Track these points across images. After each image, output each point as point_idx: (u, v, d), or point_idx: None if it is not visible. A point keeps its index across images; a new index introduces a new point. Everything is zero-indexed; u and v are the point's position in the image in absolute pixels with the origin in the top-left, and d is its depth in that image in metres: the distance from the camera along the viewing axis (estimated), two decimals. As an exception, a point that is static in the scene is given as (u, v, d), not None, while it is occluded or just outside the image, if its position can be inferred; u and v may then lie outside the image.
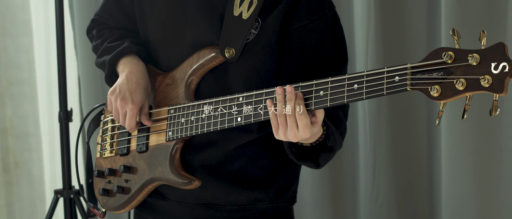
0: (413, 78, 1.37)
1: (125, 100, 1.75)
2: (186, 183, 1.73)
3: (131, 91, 1.75)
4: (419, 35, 2.53)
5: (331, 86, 1.49)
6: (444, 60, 1.34)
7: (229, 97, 1.65)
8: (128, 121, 1.76)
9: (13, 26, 3.30)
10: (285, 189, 1.82)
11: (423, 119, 2.58)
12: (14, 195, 3.35)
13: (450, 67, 1.33)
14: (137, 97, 1.76)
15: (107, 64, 1.82)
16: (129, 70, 1.78)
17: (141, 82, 1.77)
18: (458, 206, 2.46)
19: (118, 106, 1.76)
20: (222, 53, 1.69)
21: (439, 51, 1.35)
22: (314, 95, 1.51)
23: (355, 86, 1.45)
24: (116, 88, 1.77)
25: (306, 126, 1.51)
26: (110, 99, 1.78)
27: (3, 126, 3.29)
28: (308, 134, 1.52)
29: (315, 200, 2.78)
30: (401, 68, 1.38)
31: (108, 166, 1.90)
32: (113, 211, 1.90)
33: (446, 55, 1.33)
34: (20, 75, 3.33)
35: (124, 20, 1.92)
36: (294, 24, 1.69)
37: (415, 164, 2.62)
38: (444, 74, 1.34)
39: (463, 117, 1.35)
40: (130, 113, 1.75)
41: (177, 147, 1.76)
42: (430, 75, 1.35)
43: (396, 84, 1.39)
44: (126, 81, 1.76)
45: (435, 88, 1.34)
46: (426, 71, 1.36)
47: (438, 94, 1.34)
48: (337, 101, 1.48)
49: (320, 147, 1.67)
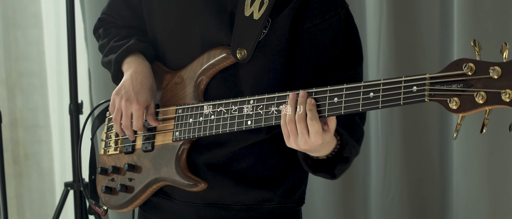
0: (431, 89, 1.33)
1: (130, 101, 1.72)
2: (192, 185, 1.71)
3: (136, 92, 1.73)
4: (431, 37, 2.52)
5: (346, 93, 1.46)
6: (465, 72, 1.30)
7: (239, 100, 1.62)
8: (135, 122, 1.73)
9: (23, 18, 3.30)
10: (293, 189, 1.80)
11: (435, 113, 2.57)
12: (23, 187, 3.36)
13: (470, 80, 1.30)
14: (142, 98, 1.73)
15: (113, 63, 1.80)
16: (134, 69, 1.75)
17: (145, 82, 1.75)
18: (469, 200, 2.45)
19: (123, 107, 1.73)
20: (233, 54, 1.66)
21: (459, 62, 1.31)
22: (328, 102, 1.48)
23: (371, 94, 1.42)
24: (121, 88, 1.74)
25: (317, 133, 1.48)
26: (114, 100, 1.75)
27: (13, 118, 3.30)
28: (320, 140, 1.49)
29: (326, 193, 2.77)
30: (420, 78, 1.35)
31: (112, 164, 1.88)
32: (115, 210, 1.88)
33: (467, 67, 1.29)
34: (30, 67, 3.33)
35: (132, 18, 1.90)
36: (306, 23, 1.67)
37: (426, 159, 2.60)
38: (464, 86, 1.31)
39: (482, 132, 1.32)
40: (136, 113, 1.72)
41: (184, 148, 1.73)
42: (449, 87, 1.32)
43: (414, 94, 1.35)
44: (131, 81, 1.74)
45: (454, 100, 1.31)
46: (445, 82, 1.32)
47: (457, 107, 1.31)
48: (352, 109, 1.44)
49: (336, 157, 1.63)
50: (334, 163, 1.64)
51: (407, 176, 2.63)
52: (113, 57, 1.80)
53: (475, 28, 2.31)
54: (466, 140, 2.42)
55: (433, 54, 2.51)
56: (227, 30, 1.69)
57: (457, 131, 1.35)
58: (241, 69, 1.69)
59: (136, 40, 1.82)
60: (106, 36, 1.90)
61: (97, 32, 1.96)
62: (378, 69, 2.59)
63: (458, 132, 1.36)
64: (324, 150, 1.58)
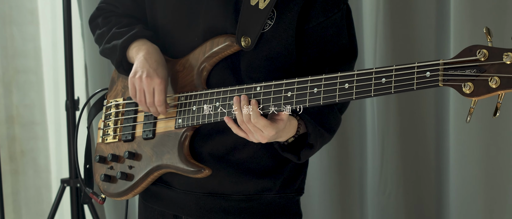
0: (445, 74, 1.38)
1: (151, 77, 1.72)
2: (196, 171, 1.72)
3: (154, 68, 1.73)
4: (427, 35, 2.53)
5: (357, 79, 1.50)
6: (478, 58, 1.35)
7: (245, 86, 1.64)
8: (157, 97, 1.73)
9: (20, 14, 3.29)
10: (293, 179, 1.82)
11: (431, 110, 2.57)
12: (20, 183, 3.36)
13: (483, 65, 1.35)
14: (162, 73, 1.74)
15: (119, 48, 1.79)
16: (146, 51, 1.76)
17: (160, 60, 1.75)
18: (465, 197, 2.46)
19: (144, 84, 1.72)
20: (238, 42, 1.68)
21: (472, 48, 1.36)
22: (339, 87, 1.52)
23: (383, 80, 1.46)
24: (137, 69, 1.74)
25: (265, 127, 1.58)
26: (133, 82, 1.74)
27: (10, 115, 3.29)
28: (272, 131, 1.59)
29: (322, 190, 2.78)
30: (433, 64, 1.40)
31: (111, 152, 1.88)
32: (114, 198, 1.88)
33: (480, 52, 1.35)
34: (27, 64, 3.32)
35: (133, 7, 1.90)
36: (311, 22, 1.71)
37: (423, 156, 2.61)
38: (477, 71, 1.35)
39: (495, 115, 1.36)
40: (159, 87, 1.72)
41: (187, 135, 1.75)
42: (463, 72, 1.37)
43: (427, 79, 1.40)
44: (145, 61, 1.74)
45: (468, 84, 1.36)
46: (458, 67, 1.37)
47: (470, 91, 1.36)
48: (363, 95, 1.48)
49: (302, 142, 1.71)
50: (300, 146, 1.72)
51: (404, 173, 2.63)
52: (118, 42, 1.80)
53: (471, 25, 2.32)
54: (463, 137, 2.43)
55: (430, 52, 2.52)
56: (232, 18, 1.71)
57: (470, 115, 1.39)
58: (244, 58, 1.72)
59: (141, 27, 1.82)
60: (106, 25, 1.89)
61: (95, 21, 1.94)
62: (375, 64, 2.59)
63: (471, 115, 1.39)
64: (285, 136, 1.66)
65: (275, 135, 1.61)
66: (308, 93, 1.56)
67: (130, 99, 1.88)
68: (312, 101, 1.55)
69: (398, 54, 2.55)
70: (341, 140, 2.72)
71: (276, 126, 1.60)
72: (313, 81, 1.56)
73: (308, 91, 1.56)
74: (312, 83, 1.56)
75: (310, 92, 1.56)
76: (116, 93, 1.93)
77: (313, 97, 1.55)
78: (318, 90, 1.55)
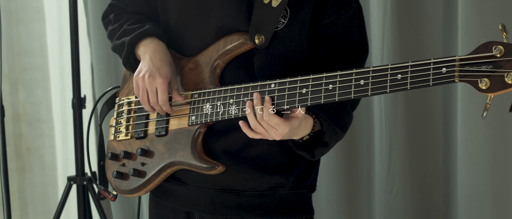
0: (461, 70, 1.39)
1: (153, 76, 1.73)
2: (209, 168, 1.73)
3: (157, 67, 1.74)
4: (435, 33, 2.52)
5: (372, 75, 1.50)
6: (494, 54, 1.36)
7: (260, 83, 1.65)
8: (160, 96, 1.74)
9: (26, 13, 3.30)
10: (305, 175, 1.83)
11: (439, 109, 2.57)
12: (26, 181, 3.36)
13: (499, 61, 1.36)
14: (164, 72, 1.74)
15: (127, 45, 1.80)
16: (152, 50, 1.77)
17: (165, 58, 1.76)
18: (473, 196, 2.45)
19: (146, 83, 1.74)
20: (252, 40, 1.69)
21: (488, 45, 1.38)
22: (354, 84, 1.53)
23: (398, 76, 1.46)
24: (141, 68, 1.76)
25: (278, 124, 1.59)
26: (136, 81, 1.76)
27: (16, 112, 3.30)
28: (287, 128, 1.60)
29: (330, 189, 2.78)
30: (449, 60, 1.41)
31: (123, 149, 1.88)
32: (126, 195, 1.89)
33: (496, 49, 1.36)
34: (33, 62, 3.33)
35: (144, 5, 1.91)
36: (323, 20, 1.73)
37: (430, 154, 2.61)
38: (493, 67, 1.37)
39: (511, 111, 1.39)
40: (161, 87, 1.74)
41: (200, 131, 1.75)
42: (479, 68, 1.38)
43: (443, 75, 1.41)
44: (150, 60, 1.75)
45: (484, 80, 1.37)
46: (474, 63, 1.38)
47: (486, 87, 1.37)
48: (379, 91, 1.49)
49: (316, 140, 1.72)
50: (315, 144, 1.73)
51: (411, 172, 2.63)
52: (127, 39, 1.81)
53: (479, 23, 2.32)
54: (470, 136, 2.43)
55: (437, 50, 2.52)
56: (245, 16, 1.71)
57: (487, 110, 1.41)
58: (257, 55, 1.72)
59: (151, 25, 1.83)
60: (117, 21, 1.90)
61: (107, 18, 1.96)
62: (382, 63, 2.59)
63: (487, 111, 1.41)
64: (300, 134, 1.67)
65: (289, 132, 1.61)
66: (323, 89, 1.56)
67: None
68: (327, 97, 1.55)
69: (406, 52, 2.55)
70: (349, 139, 2.71)
71: (290, 123, 1.60)
72: (328, 77, 1.56)
73: (323, 88, 1.56)
74: (327, 80, 1.56)
75: (325, 89, 1.56)
76: (128, 91, 1.94)
77: (328, 94, 1.55)
78: (333, 87, 1.55)
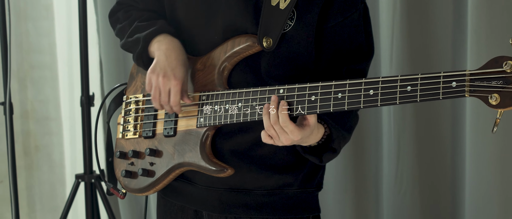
0: (472, 85, 1.39)
1: (168, 77, 1.73)
2: (219, 170, 1.73)
3: (172, 67, 1.73)
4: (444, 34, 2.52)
5: (381, 86, 1.50)
6: (504, 69, 1.36)
7: (268, 88, 1.64)
8: (173, 98, 1.73)
9: (35, 10, 3.31)
10: (313, 174, 1.83)
11: (447, 108, 2.56)
12: (34, 178, 3.37)
13: (509, 77, 1.36)
14: (179, 73, 1.73)
15: (142, 41, 1.79)
16: (167, 46, 1.75)
17: (180, 57, 1.75)
18: (481, 197, 2.45)
19: (160, 83, 1.73)
20: (260, 43, 1.69)
21: (499, 60, 1.37)
22: (363, 94, 1.52)
23: (408, 88, 1.46)
24: (156, 66, 1.74)
25: (293, 131, 1.58)
26: (150, 78, 1.75)
27: (24, 110, 3.31)
28: (299, 136, 1.59)
29: (338, 189, 2.78)
30: (459, 74, 1.40)
31: (131, 148, 1.88)
32: (135, 193, 1.89)
33: (507, 64, 1.36)
34: (41, 59, 3.34)
35: (153, 2, 1.90)
36: (330, 22, 1.72)
37: (439, 155, 2.60)
38: (503, 83, 1.37)
39: None
40: (175, 89, 1.73)
41: (209, 134, 1.75)
42: (489, 83, 1.38)
43: (453, 89, 1.40)
44: (165, 58, 1.74)
45: (495, 96, 1.37)
46: (485, 78, 1.38)
47: (496, 103, 1.37)
48: (388, 102, 1.49)
49: (325, 145, 1.71)
50: (323, 149, 1.73)
51: (419, 173, 2.63)
52: (141, 35, 1.80)
53: (489, 23, 2.32)
54: (479, 137, 2.42)
55: (446, 50, 2.51)
56: (252, 17, 1.71)
57: (497, 125, 1.41)
58: (264, 58, 1.72)
59: (164, 22, 1.82)
60: (127, 19, 1.89)
61: (115, 16, 1.95)
62: (391, 65, 2.59)
63: (497, 126, 1.41)
64: (310, 141, 1.67)
65: (300, 140, 1.61)
66: (332, 98, 1.56)
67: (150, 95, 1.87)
68: (336, 106, 1.55)
69: (415, 52, 2.55)
70: (357, 139, 2.71)
71: (303, 131, 1.60)
72: (337, 86, 1.56)
73: (332, 96, 1.56)
74: (336, 88, 1.56)
75: (334, 97, 1.55)
76: (136, 89, 1.93)
77: (338, 102, 1.55)
78: (342, 96, 1.54)
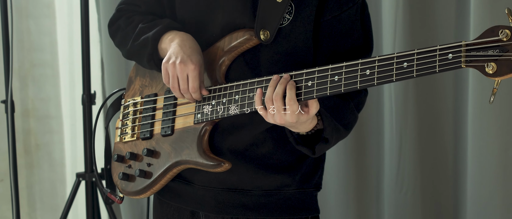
0: (468, 55, 1.38)
1: (185, 62, 1.69)
2: (215, 165, 1.72)
3: (188, 54, 1.70)
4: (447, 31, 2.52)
5: (378, 65, 1.50)
6: (500, 38, 1.35)
7: (265, 78, 1.65)
8: (192, 83, 1.71)
9: (36, 8, 3.31)
10: (311, 174, 1.83)
11: (449, 108, 2.58)
12: (34, 177, 3.38)
13: (506, 45, 1.35)
14: (196, 58, 1.71)
15: (151, 40, 1.76)
16: (180, 38, 1.74)
17: (195, 47, 1.73)
18: (482, 195, 2.46)
19: (177, 70, 1.70)
20: (257, 36, 1.69)
21: (495, 29, 1.36)
22: (360, 74, 1.52)
23: (404, 64, 1.45)
24: (171, 55, 1.72)
25: (293, 112, 1.57)
26: (166, 68, 1.72)
27: (25, 108, 3.31)
28: (294, 120, 1.58)
29: (339, 188, 2.79)
30: (455, 46, 1.39)
31: (129, 150, 1.88)
32: (132, 196, 1.88)
33: (503, 33, 1.35)
34: (43, 57, 3.34)
35: (155, 4, 1.88)
36: (326, 15, 1.72)
37: (440, 153, 2.61)
38: (500, 51, 1.36)
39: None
40: (193, 74, 1.70)
41: (206, 129, 1.75)
42: (485, 52, 1.37)
43: (450, 61, 1.40)
44: (179, 48, 1.72)
45: (491, 65, 1.36)
46: (481, 48, 1.37)
47: (493, 71, 1.36)
48: (385, 80, 1.48)
49: (317, 136, 1.71)
50: (315, 140, 1.72)
51: (421, 171, 2.64)
52: (149, 35, 1.78)
53: (492, 21, 2.32)
54: (481, 135, 2.43)
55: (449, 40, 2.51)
56: (250, 13, 1.71)
57: (494, 95, 1.40)
58: (262, 52, 1.72)
59: (169, 20, 1.81)
60: (129, 24, 1.87)
61: (116, 24, 1.91)
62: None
63: (494, 95, 1.40)
64: (302, 128, 1.66)
65: (295, 123, 1.61)
66: (329, 81, 1.56)
67: (148, 97, 1.88)
68: (333, 88, 1.55)
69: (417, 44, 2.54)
70: (358, 137, 2.73)
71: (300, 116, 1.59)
72: (334, 69, 1.56)
73: (329, 79, 1.56)
74: (333, 71, 1.56)
75: (331, 80, 1.55)
76: (134, 92, 1.93)
77: (334, 85, 1.55)
78: (339, 78, 1.54)
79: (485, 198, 2.45)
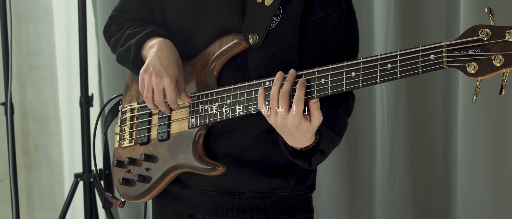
0: (449, 55, 1.36)
1: (160, 75, 1.71)
2: (211, 169, 1.72)
3: (164, 66, 1.71)
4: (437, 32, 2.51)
5: (363, 67, 1.48)
6: (481, 37, 1.33)
7: (255, 82, 1.64)
8: (169, 96, 1.72)
9: (35, 12, 3.31)
10: (305, 176, 1.83)
11: (440, 108, 2.57)
12: (33, 178, 3.38)
13: (486, 44, 1.33)
14: (172, 71, 1.71)
15: (133, 47, 1.78)
16: (158, 47, 1.74)
17: (172, 56, 1.73)
18: (472, 195, 2.46)
19: (153, 83, 1.72)
20: (246, 39, 1.69)
21: (475, 29, 1.34)
22: (346, 76, 1.51)
23: (388, 66, 1.44)
24: (149, 66, 1.73)
25: (298, 113, 1.53)
26: (142, 78, 1.74)
27: (24, 110, 3.31)
28: (296, 123, 1.54)
29: (331, 188, 2.78)
30: (437, 46, 1.38)
31: (128, 156, 1.89)
32: (133, 200, 1.89)
33: (483, 32, 1.33)
34: (41, 61, 3.34)
35: (145, 12, 1.90)
36: (310, 16, 1.70)
37: (431, 154, 2.61)
38: (481, 51, 1.33)
39: (501, 93, 1.35)
40: (169, 87, 1.71)
41: (201, 134, 1.75)
42: (467, 52, 1.35)
43: (432, 62, 1.38)
44: (157, 58, 1.72)
45: (473, 65, 1.34)
46: (462, 48, 1.36)
47: (475, 71, 1.34)
48: (370, 82, 1.47)
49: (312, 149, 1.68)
50: (311, 153, 1.68)
51: (412, 171, 2.63)
52: (132, 42, 1.79)
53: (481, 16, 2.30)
54: (470, 136, 2.43)
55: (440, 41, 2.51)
56: (239, 17, 1.71)
57: (476, 95, 1.38)
58: (252, 56, 1.72)
59: (155, 27, 1.82)
60: (119, 30, 1.89)
61: (109, 31, 1.94)
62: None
63: (477, 95, 1.38)
64: (300, 141, 1.61)
65: (295, 129, 1.56)
66: (315, 84, 1.55)
67: (144, 102, 1.88)
68: (320, 91, 1.54)
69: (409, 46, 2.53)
70: (350, 138, 2.72)
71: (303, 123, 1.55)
72: (320, 71, 1.55)
73: (316, 82, 1.55)
74: (319, 74, 1.55)
75: (318, 83, 1.54)
76: (131, 98, 1.94)
77: (321, 88, 1.54)
78: (325, 81, 1.53)
79: (475, 197, 2.45)
